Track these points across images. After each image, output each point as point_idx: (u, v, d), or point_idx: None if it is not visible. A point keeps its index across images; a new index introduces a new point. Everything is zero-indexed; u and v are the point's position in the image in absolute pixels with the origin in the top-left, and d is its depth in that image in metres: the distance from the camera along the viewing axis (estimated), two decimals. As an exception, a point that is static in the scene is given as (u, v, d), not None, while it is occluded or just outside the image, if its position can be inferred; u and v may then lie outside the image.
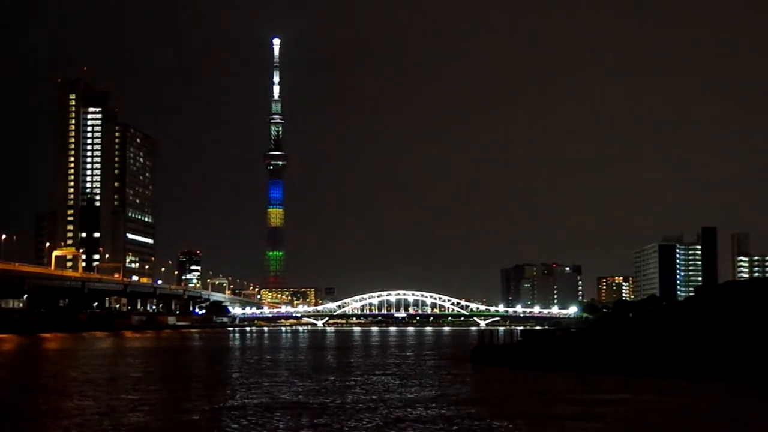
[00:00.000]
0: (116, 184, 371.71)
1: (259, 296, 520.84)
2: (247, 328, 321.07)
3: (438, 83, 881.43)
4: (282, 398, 51.21)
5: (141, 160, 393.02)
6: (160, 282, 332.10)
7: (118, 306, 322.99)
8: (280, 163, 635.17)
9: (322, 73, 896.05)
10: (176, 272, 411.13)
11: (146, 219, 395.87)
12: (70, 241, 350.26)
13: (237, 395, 53.28)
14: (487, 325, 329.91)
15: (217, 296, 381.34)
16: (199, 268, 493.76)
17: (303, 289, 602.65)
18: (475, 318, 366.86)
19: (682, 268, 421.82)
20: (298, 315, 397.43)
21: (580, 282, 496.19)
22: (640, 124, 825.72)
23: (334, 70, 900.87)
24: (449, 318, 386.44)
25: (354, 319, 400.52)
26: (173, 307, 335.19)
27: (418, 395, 52.94)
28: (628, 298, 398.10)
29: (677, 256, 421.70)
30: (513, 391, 56.03)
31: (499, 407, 46.24)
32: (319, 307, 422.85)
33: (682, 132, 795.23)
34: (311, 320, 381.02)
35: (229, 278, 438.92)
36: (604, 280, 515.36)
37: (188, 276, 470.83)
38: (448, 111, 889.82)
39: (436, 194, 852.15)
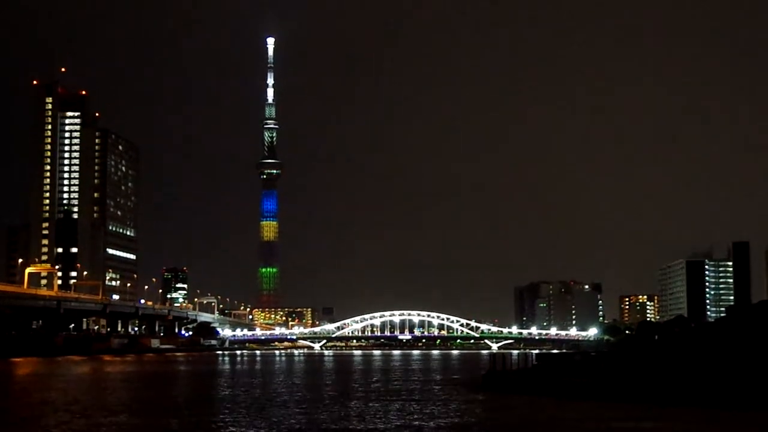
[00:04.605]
0: (96, 194, 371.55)
1: (250, 317, 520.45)
2: (238, 352, 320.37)
3: (445, 91, 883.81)
4: (283, 428, 50.70)
5: (123, 168, 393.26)
6: (142, 301, 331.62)
7: (96, 328, 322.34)
8: (275, 171, 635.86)
9: (319, 76, 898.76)
10: (160, 291, 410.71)
11: (128, 233, 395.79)
12: (44, 257, 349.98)
13: (236, 424, 52.79)
14: (499, 348, 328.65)
15: (205, 317, 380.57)
16: (185, 286, 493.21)
17: (299, 309, 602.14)
18: (486, 340, 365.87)
19: (712, 286, 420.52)
20: (294, 337, 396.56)
21: (600, 301, 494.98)
22: (665, 131, 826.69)
23: (333, 73, 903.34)
24: (458, 340, 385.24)
25: (354, 341, 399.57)
26: (157, 328, 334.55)
27: (427, 425, 52.41)
28: (653, 319, 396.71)
29: (706, 273, 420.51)
30: (530, 419, 55.46)
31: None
32: (317, 329, 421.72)
33: (710, 141, 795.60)
34: (308, 343, 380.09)
35: (219, 297, 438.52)
36: (627, 299, 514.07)
37: (174, 295, 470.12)
38: (455, 120, 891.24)
39: (443, 207, 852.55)
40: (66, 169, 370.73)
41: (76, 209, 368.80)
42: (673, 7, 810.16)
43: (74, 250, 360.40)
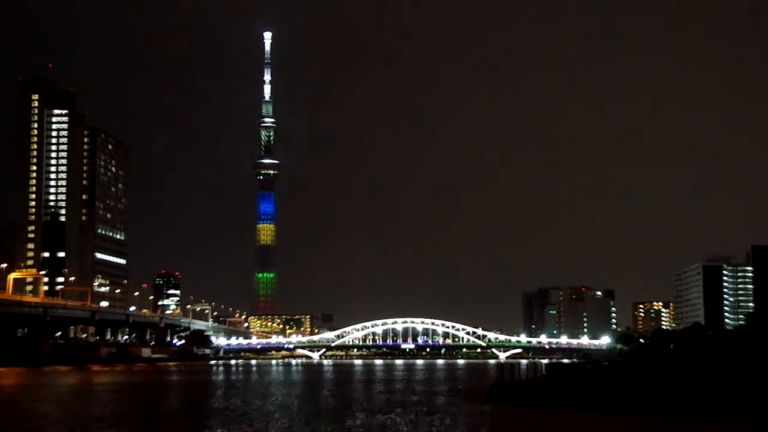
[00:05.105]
0: (84, 196, 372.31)
1: (246, 325, 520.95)
2: (233, 361, 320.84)
3: (446, 90, 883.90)
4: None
5: (112, 169, 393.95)
6: (133, 308, 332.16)
7: (84, 336, 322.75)
8: (272, 172, 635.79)
9: (318, 74, 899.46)
10: (152, 297, 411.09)
11: (118, 236, 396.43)
12: (30, 262, 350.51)
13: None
14: (507, 357, 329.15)
15: (198, 324, 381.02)
16: (178, 292, 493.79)
17: (297, 317, 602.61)
18: (494, 349, 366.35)
19: (731, 292, 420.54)
20: (291, 346, 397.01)
21: (613, 308, 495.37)
22: (680, 131, 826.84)
23: (333, 72, 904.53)
24: (464, 349, 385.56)
25: (355, 350, 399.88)
26: (148, 337, 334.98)
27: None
28: (668, 327, 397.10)
29: (724, 278, 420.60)
30: (538, 433, 55.75)
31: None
32: (315, 337, 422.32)
33: (726, 140, 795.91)
34: (306, 352, 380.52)
35: (213, 304, 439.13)
36: (641, 306, 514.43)
37: (165, 301, 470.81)
38: (457, 120, 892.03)
39: (448, 210, 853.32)
40: (53, 169, 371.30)
41: (63, 211, 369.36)
42: (675, 7, 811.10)
43: (61, 254, 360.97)
